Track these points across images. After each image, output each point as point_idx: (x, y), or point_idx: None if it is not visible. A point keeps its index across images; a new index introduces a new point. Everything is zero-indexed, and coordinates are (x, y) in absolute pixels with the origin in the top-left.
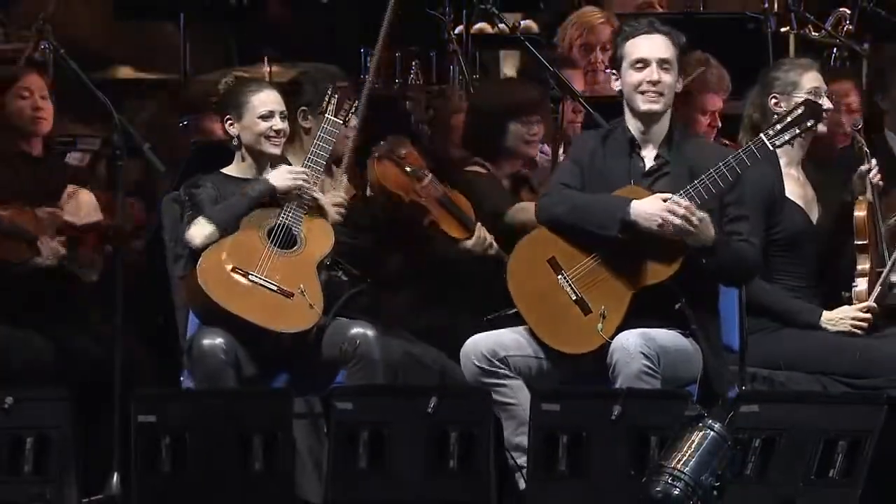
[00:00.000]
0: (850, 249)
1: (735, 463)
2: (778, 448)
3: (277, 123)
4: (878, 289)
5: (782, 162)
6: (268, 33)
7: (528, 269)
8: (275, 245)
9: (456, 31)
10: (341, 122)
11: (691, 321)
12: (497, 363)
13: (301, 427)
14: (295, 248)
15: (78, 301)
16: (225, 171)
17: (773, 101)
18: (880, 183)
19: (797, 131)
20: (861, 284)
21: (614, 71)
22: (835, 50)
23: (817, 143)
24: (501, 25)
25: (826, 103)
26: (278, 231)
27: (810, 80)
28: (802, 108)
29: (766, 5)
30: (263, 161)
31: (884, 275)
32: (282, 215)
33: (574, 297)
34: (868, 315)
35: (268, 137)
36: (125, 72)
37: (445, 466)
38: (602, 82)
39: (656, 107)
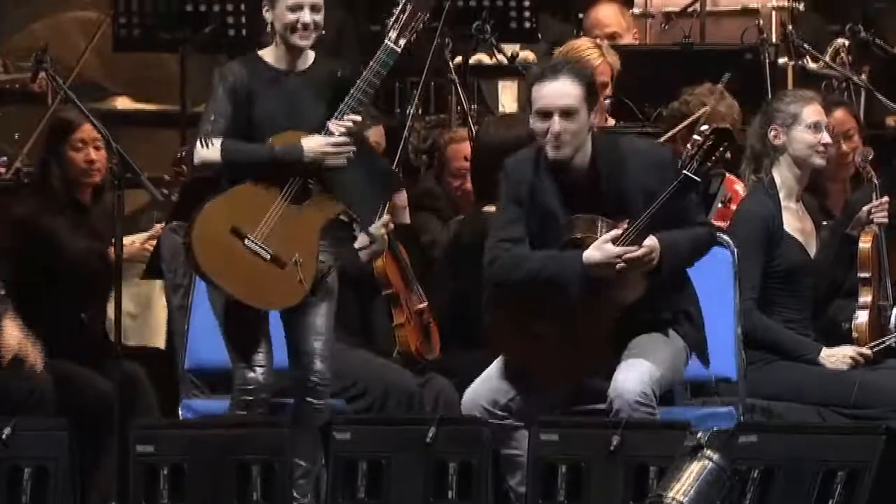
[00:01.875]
0: (850, 283)
1: (734, 494)
2: (777, 479)
3: (305, 16)
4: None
5: (781, 195)
6: None
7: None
8: (286, 198)
9: (455, 62)
10: (399, 49)
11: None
12: (500, 413)
13: None
14: (307, 202)
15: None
16: (261, 52)
17: (773, 132)
18: (884, 221)
19: (715, 159)
20: (862, 317)
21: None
22: (833, 80)
23: (818, 175)
24: (500, 56)
25: (825, 137)
26: (295, 184)
27: (811, 113)
28: (712, 137)
29: (764, 36)
30: (295, 52)
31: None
32: (298, 172)
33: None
34: (868, 352)
35: (294, 30)
36: (123, 102)
37: (444, 497)
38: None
39: (560, 155)
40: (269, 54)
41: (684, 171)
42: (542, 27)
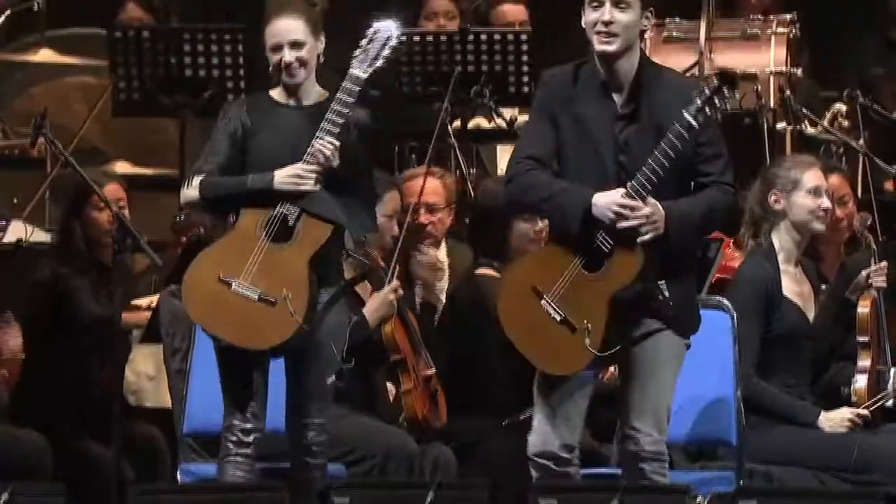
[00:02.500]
0: (849, 347)
1: None
2: None
3: (286, 56)
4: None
5: (780, 259)
6: None
7: (516, 303)
8: (269, 238)
9: (454, 125)
10: (366, 76)
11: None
12: (572, 457)
13: None
14: (290, 240)
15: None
16: (271, 91)
17: (773, 198)
18: (883, 285)
19: (716, 102)
20: (861, 381)
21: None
22: (832, 145)
23: (813, 239)
24: (499, 120)
25: (825, 202)
26: (273, 222)
27: (811, 178)
28: (716, 80)
29: (763, 101)
30: (292, 88)
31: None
32: (278, 207)
33: (560, 319)
34: (867, 413)
35: (280, 70)
36: (123, 167)
37: None
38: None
39: (610, 48)
40: (275, 90)
41: (683, 112)
42: None
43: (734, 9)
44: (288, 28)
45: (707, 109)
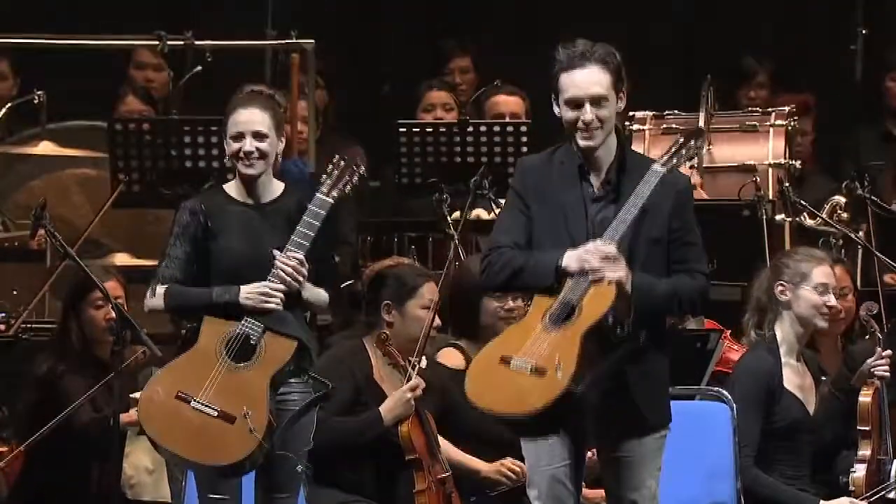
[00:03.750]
0: (850, 438)
1: None
2: None
3: (247, 145)
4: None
5: (782, 350)
6: None
7: (487, 380)
8: (230, 357)
9: (453, 217)
10: (332, 201)
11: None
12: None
13: None
14: (251, 360)
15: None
16: (226, 186)
17: (780, 288)
18: (886, 375)
19: (683, 153)
20: (860, 470)
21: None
22: (831, 237)
23: (815, 332)
24: (498, 211)
25: (831, 300)
26: (235, 341)
27: (820, 274)
28: (682, 136)
29: (761, 192)
30: (250, 182)
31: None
32: (241, 325)
33: (530, 369)
34: None
35: (239, 158)
36: (122, 259)
37: None
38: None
39: (593, 143)
40: (231, 186)
41: (652, 165)
42: None
43: (733, 102)
44: (253, 119)
45: (675, 160)
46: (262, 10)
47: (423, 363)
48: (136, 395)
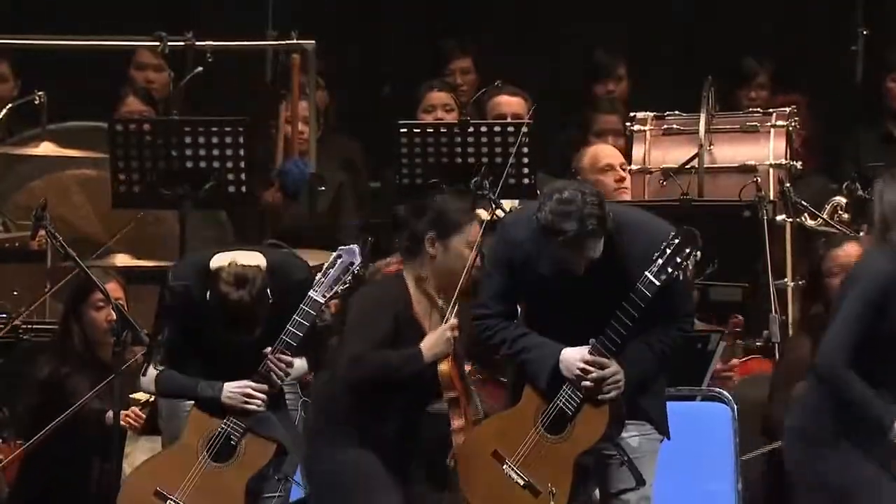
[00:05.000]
0: None
1: None
2: None
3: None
4: None
5: None
6: (262, 218)
7: (478, 473)
8: (210, 456)
9: None
10: (323, 301)
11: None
12: None
13: None
14: (230, 459)
15: None
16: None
17: None
18: None
19: (678, 261)
20: None
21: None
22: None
23: None
24: (499, 212)
25: None
26: (217, 440)
27: None
28: (677, 239)
29: (762, 193)
30: None
31: None
32: (223, 424)
33: (522, 483)
34: None
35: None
36: (123, 259)
37: None
38: None
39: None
40: None
41: (646, 273)
42: (541, 183)
43: (734, 102)
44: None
45: (669, 269)
46: (263, 10)
47: None
48: (136, 395)
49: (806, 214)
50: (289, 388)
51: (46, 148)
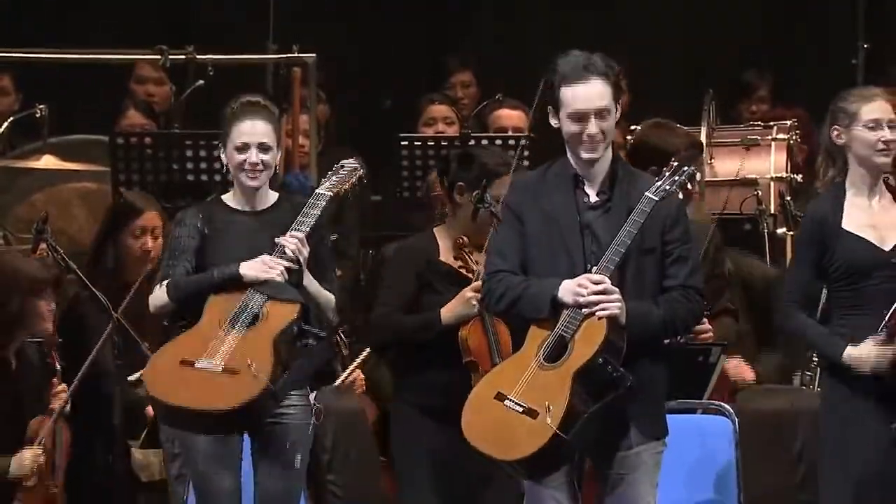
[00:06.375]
0: None
1: None
2: None
3: (253, 156)
4: None
5: (849, 194)
6: None
7: (482, 417)
8: (233, 326)
9: None
10: (330, 194)
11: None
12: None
13: None
14: (254, 325)
15: None
16: (223, 196)
17: (835, 133)
18: None
19: (676, 178)
20: None
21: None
22: None
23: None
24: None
25: (886, 134)
26: (240, 313)
27: (869, 111)
28: (676, 160)
29: (762, 206)
30: (248, 192)
31: None
32: (244, 298)
33: (522, 410)
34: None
35: (243, 170)
36: None
37: None
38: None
39: (596, 155)
40: (228, 197)
41: (645, 193)
42: None
43: (735, 116)
44: (257, 130)
45: (667, 186)
46: (264, 24)
47: None
48: (133, 376)
49: None
50: (298, 397)
51: (48, 161)
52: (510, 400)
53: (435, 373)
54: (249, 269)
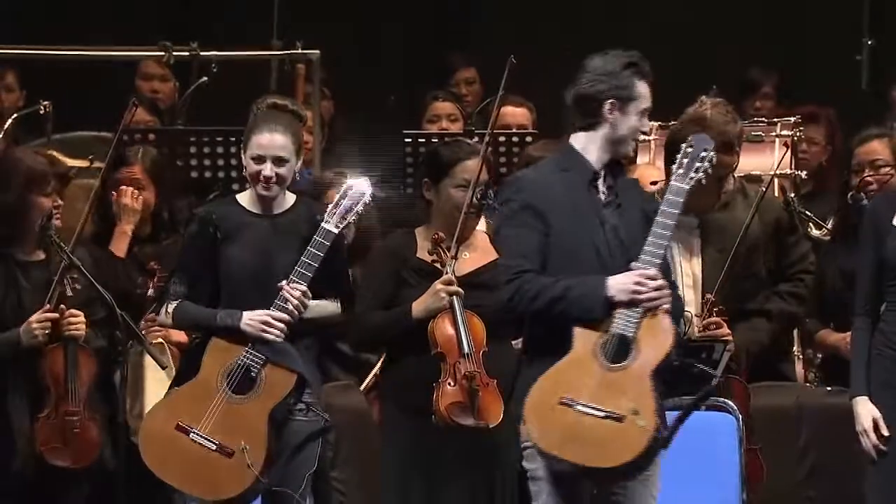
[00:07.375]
0: None
1: None
2: None
3: (267, 170)
4: None
5: None
6: None
7: (552, 425)
8: (230, 388)
9: None
10: (336, 231)
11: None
12: None
13: None
14: (251, 391)
15: None
16: (239, 196)
17: None
18: None
19: (701, 162)
20: None
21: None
22: None
23: None
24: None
25: None
26: (236, 372)
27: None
28: (691, 147)
29: None
30: (263, 200)
31: None
32: (242, 356)
33: (602, 415)
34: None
35: (257, 181)
36: None
37: None
38: None
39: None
40: (245, 197)
41: (671, 181)
42: None
43: (739, 113)
44: (275, 143)
45: (693, 173)
46: (268, 20)
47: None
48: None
49: (811, 224)
50: (301, 418)
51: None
52: (583, 405)
53: (412, 368)
54: (250, 326)
